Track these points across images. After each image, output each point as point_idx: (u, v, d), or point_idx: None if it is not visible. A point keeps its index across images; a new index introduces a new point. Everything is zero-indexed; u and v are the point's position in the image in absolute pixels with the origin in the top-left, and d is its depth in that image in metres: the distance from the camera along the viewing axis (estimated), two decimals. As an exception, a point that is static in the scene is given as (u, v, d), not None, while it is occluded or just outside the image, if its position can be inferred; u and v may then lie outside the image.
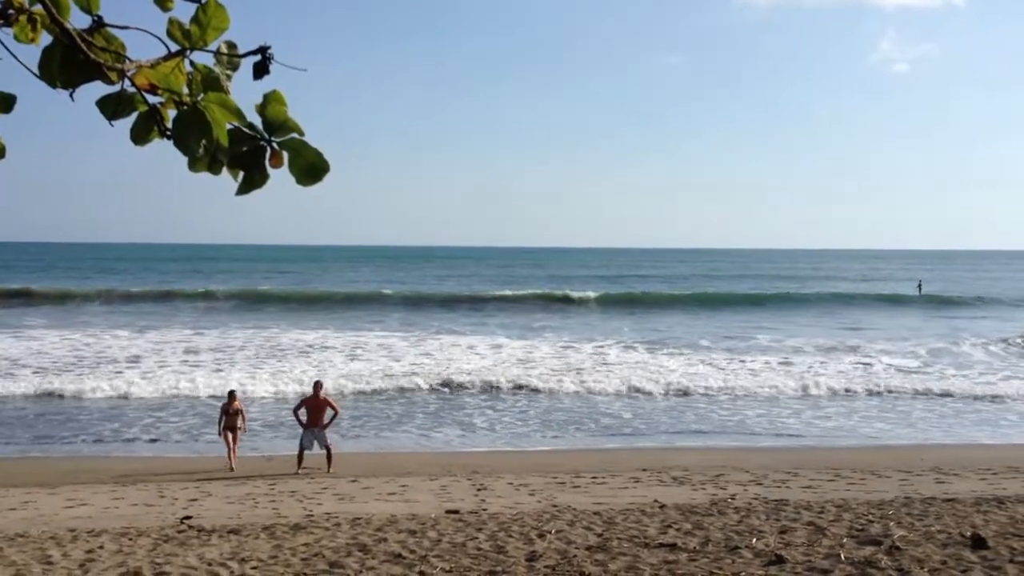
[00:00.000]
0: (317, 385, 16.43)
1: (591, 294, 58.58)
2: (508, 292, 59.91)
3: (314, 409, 15.79)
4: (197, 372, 25.97)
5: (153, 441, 18.35)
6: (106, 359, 28.44)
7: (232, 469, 15.35)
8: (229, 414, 16.05)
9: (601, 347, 33.58)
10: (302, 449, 15.51)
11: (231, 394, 16.65)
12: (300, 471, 15.19)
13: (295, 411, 16.19)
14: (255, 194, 2.52)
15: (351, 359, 29.47)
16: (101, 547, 9.64)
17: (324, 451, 15.49)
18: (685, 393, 24.23)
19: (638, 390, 24.38)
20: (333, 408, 16.03)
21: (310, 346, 32.56)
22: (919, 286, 73.57)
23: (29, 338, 33.25)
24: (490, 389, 24.05)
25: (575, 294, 58.89)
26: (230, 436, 15.85)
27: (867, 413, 22.30)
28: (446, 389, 23.99)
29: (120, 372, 25.95)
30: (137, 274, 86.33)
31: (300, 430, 15.75)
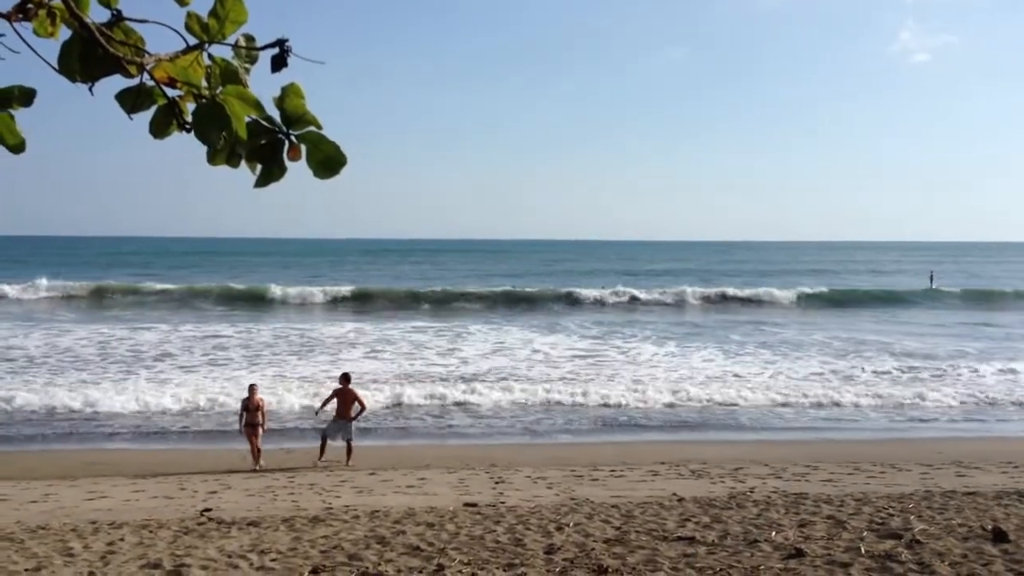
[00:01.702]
0: (345, 377, 16.37)
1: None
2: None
3: (342, 401, 15.81)
4: (224, 369, 26.16)
5: (181, 432, 18.45)
6: (133, 356, 28.62)
7: (257, 469, 14.94)
8: (250, 410, 15.47)
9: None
10: (324, 439, 15.55)
11: (252, 388, 16.07)
12: (320, 462, 15.25)
13: (325, 402, 16.20)
14: (264, 189, 2.53)
15: (372, 358, 29.51)
16: (122, 539, 9.72)
17: (345, 444, 15.55)
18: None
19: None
20: (360, 402, 15.99)
21: (339, 342, 32.54)
22: (931, 278, 72.02)
23: (59, 332, 33.51)
24: (508, 386, 23.93)
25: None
26: (251, 434, 15.28)
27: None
28: (463, 387, 23.81)
29: (140, 369, 26.16)
30: (156, 269, 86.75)
31: (322, 423, 15.82)
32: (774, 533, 9.57)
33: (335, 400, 15.94)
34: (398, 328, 36.91)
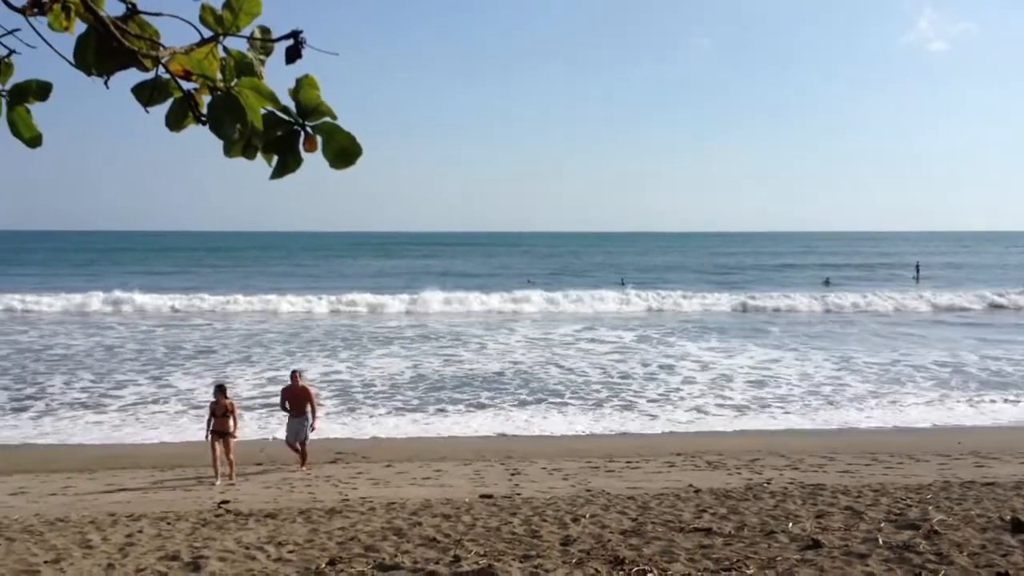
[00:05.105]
0: (294, 374, 15.14)
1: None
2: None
3: (294, 399, 14.74)
4: (251, 366, 26.31)
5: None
6: (173, 350, 28.81)
7: (221, 480, 13.40)
8: (217, 416, 13.68)
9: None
10: (290, 444, 14.55)
11: (219, 390, 14.24)
12: (303, 469, 14.30)
13: (281, 405, 15.01)
14: (274, 182, 2.53)
15: (393, 353, 29.57)
16: (140, 531, 9.79)
17: (301, 443, 14.44)
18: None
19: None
20: (311, 401, 14.78)
21: (382, 337, 32.63)
22: (916, 269, 70.60)
23: (97, 327, 33.77)
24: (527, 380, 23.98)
25: None
26: (217, 443, 13.50)
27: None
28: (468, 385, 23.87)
29: (172, 364, 26.32)
30: (182, 263, 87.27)
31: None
32: (791, 524, 9.54)
33: (288, 399, 14.78)
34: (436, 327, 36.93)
